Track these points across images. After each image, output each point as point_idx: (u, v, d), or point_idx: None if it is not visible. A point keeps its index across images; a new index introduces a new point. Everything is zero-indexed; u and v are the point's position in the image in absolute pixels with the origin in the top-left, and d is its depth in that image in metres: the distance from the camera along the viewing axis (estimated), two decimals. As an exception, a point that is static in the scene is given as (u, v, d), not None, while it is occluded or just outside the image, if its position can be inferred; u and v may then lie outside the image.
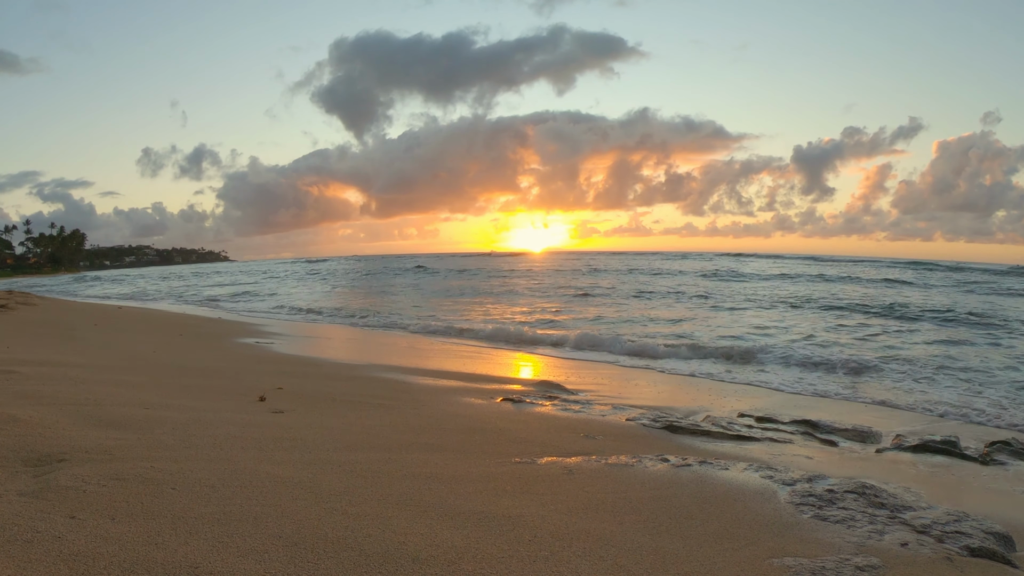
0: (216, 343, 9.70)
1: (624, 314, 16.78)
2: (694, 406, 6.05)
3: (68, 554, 1.91)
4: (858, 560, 2.36)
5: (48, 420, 3.34)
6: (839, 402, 6.87)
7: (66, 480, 2.49)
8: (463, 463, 3.35)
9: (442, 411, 4.86)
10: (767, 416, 5.45)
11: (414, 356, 9.59)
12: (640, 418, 5.06)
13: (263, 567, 1.97)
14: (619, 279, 31.45)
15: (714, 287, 26.03)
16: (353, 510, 2.50)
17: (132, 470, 2.70)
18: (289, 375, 6.32)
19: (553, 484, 3.09)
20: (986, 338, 12.08)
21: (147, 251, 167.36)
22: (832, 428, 5.09)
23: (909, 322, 14.80)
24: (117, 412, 3.74)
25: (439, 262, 64.50)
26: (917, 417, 6.15)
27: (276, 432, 3.67)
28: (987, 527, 2.72)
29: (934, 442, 4.60)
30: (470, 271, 46.90)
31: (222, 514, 2.33)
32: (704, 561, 2.32)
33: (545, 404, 5.48)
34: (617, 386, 7.29)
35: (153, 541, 2.06)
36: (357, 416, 4.36)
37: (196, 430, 3.51)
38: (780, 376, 8.31)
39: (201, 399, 4.49)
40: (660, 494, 3.03)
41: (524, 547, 2.30)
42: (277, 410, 4.32)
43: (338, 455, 3.29)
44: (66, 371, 5.09)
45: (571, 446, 3.96)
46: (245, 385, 5.29)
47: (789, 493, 3.09)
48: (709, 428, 4.82)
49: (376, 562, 2.07)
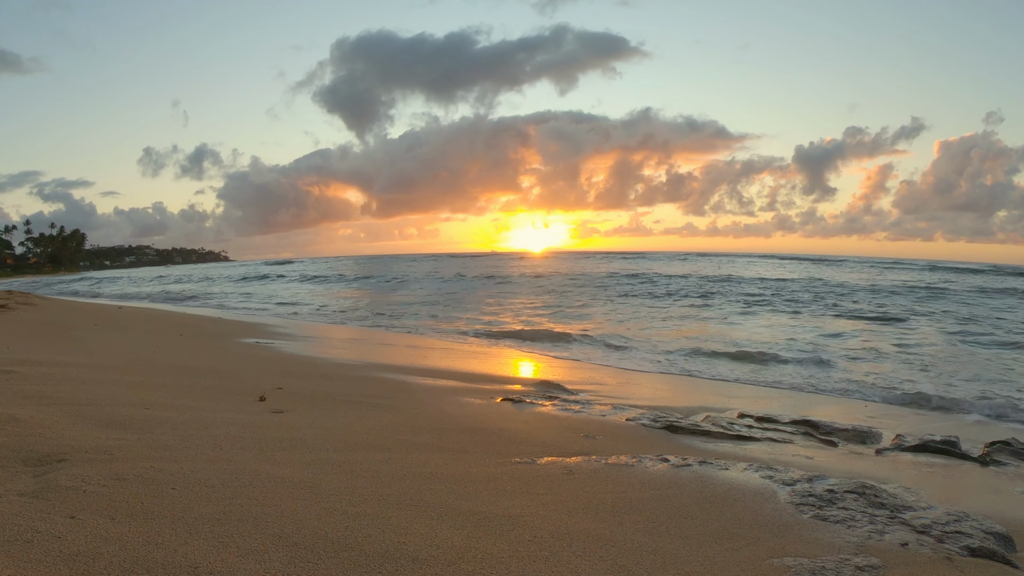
0: (217, 343, 9.70)
1: (629, 316, 16.78)
2: (694, 406, 6.05)
3: (68, 554, 1.91)
4: (858, 560, 2.36)
5: (48, 420, 3.34)
6: (839, 402, 6.87)
7: (66, 480, 2.49)
8: (463, 463, 3.35)
9: (442, 411, 4.86)
10: (767, 416, 5.44)
11: (414, 356, 9.59)
12: (640, 418, 5.06)
13: (263, 567, 1.97)
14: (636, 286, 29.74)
15: (718, 288, 26.02)
16: (353, 510, 2.50)
17: (132, 470, 2.69)
18: (289, 375, 6.32)
19: (553, 484, 3.09)
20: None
21: (147, 251, 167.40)
22: (832, 428, 5.09)
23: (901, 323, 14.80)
24: (117, 412, 3.74)
25: (451, 265, 61.04)
26: (918, 417, 6.15)
27: (276, 432, 3.67)
28: (987, 527, 2.72)
29: (934, 442, 4.60)
30: (507, 278, 36.91)
31: (222, 514, 2.33)
32: (704, 561, 2.32)
33: (545, 404, 5.48)
34: (617, 386, 7.29)
35: (153, 541, 2.06)
36: (357, 416, 4.36)
37: (196, 430, 3.51)
38: (781, 376, 8.31)
39: (201, 399, 4.49)
40: (660, 494, 3.03)
41: (524, 547, 2.30)
42: (277, 410, 4.32)
43: (338, 455, 3.29)
44: (66, 371, 5.09)
45: (571, 446, 3.96)
46: (245, 385, 5.29)
47: (789, 493, 3.09)
48: (709, 428, 4.82)
49: (376, 562, 2.07)
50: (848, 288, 25.34)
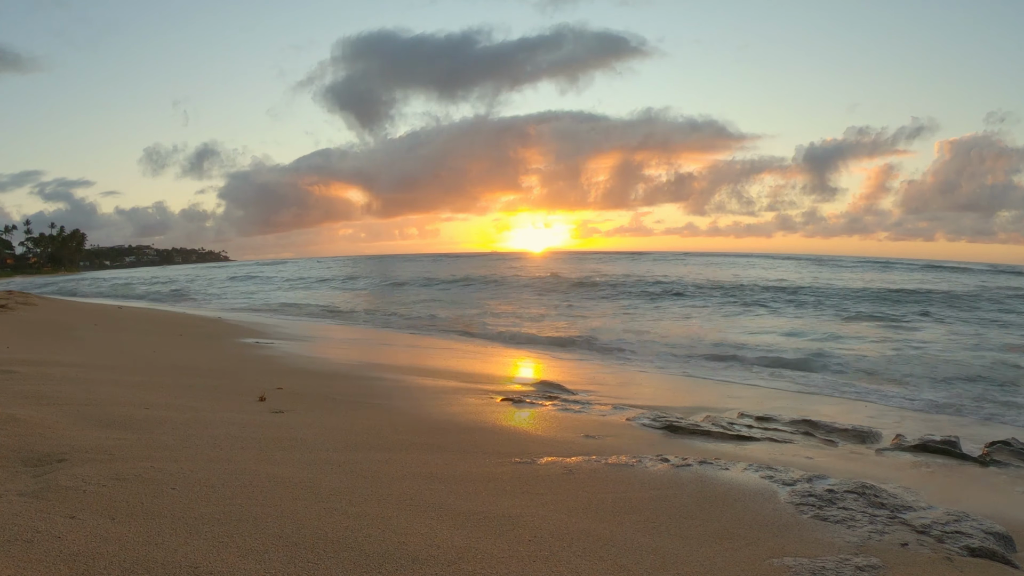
0: (217, 343, 9.70)
1: (631, 316, 16.77)
2: (694, 406, 6.04)
3: (68, 554, 1.91)
4: (858, 560, 2.36)
5: (48, 420, 3.34)
6: (839, 402, 6.87)
7: (66, 480, 2.49)
8: (463, 463, 3.35)
9: (442, 411, 4.86)
10: (767, 416, 5.44)
11: (415, 356, 9.60)
12: (640, 418, 5.06)
13: (263, 567, 1.97)
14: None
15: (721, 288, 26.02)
16: (353, 510, 2.50)
17: (132, 470, 2.69)
18: (289, 375, 6.33)
19: (553, 484, 3.09)
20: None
21: (147, 251, 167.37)
22: (832, 428, 5.08)
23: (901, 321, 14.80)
24: (117, 412, 3.74)
25: (451, 265, 58.55)
26: (918, 417, 6.15)
27: (276, 432, 3.67)
28: (987, 527, 2.72)
29: (934, 442, 4.60)
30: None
31: (222, 514, 2.33)
32: (704, 561, 2.32)
33: (545, 404, 5.48)
34: (617, 386, 7.29)
35: (153, 541, 2.06)
36: (357, 416, 4.36)
37: (196, 430, 3.51)
38: (781, 376, 8.31)
39: (201, 399, 4.49)
40: (660, 494, 3.03)
41: (524, 547, 2.30)
42: (277, 410, 4.32)
43: (338, 455, 3.29)
44: (66, 371, 5.09)
45: (571, 446, 3.96)
46: (245, 385, 5.29)
47: (789, 493, 3.09)
48: (709, 428, 4.82)
49: (376, 562, 2.07)
50: (849, 288, 25.35)
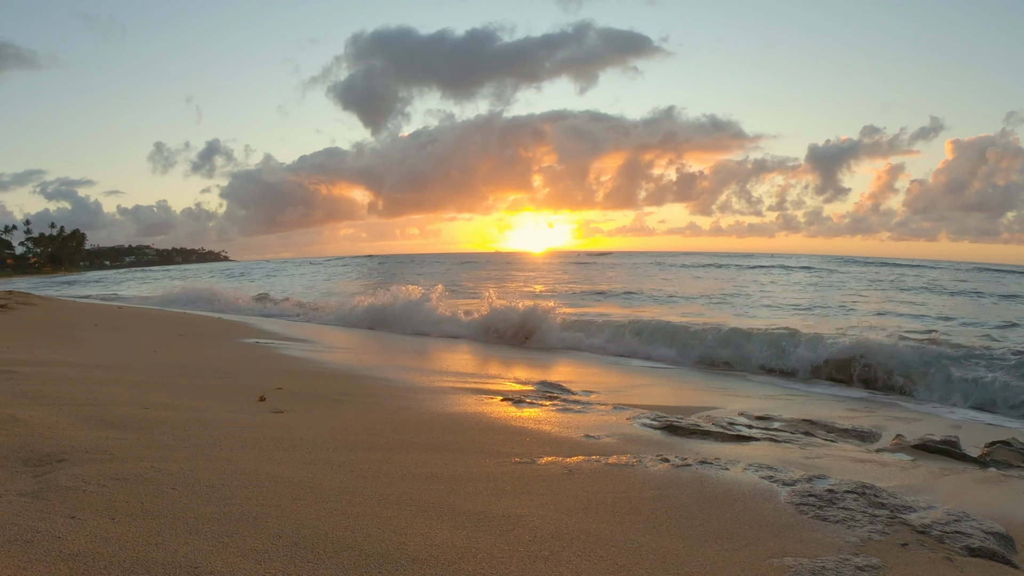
0: (217, 343, 9.70)
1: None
2: (694, 406, 6.04)
3: (68, 554, 1.91)
4: (858, 560, 2.36)
5: (48, 420, 3.34)
6: (839, 402, 6.87)
7: (66, 480, 2.49)
8: (463, 463, 3.35)
9: (442, 411, 4.86)
10: (767, 416, 5.44)
11: (415, 356, 9.60)
12: (640, 418, 5.06)
13: (263, 567, 1.97)
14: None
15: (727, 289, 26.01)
16: (353, 510, 2.50)
17: (132, 470, 2.69)
18: (289, 375, 6.33)
19: (553, 484, 3.09)
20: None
21: (147, 251, 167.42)
22: (832, 428, 5.09)
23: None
24: (117, 412, 3.74)
25: (451, 264, 58.57)
26: (918, 417, 6.14)
27: (276, 432, 3.67)
28: (987, 527, 2.72)
29: (934, 442, 4.60)
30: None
31: (222, 514, 2.33)
32: (704, 561, 2.32)
33: (545, 404, 5.48)
34: (618, 386, 7.29)
35: (153, 541, 2.06)
36: (357, 416, 4.36)
37: (196, 430, 3.51)
38: (781, 376, 8.31)
39: (201, 399, 4.49)
40: (660, 494, 3.03)
41: (524, 547, 2.30)
42: (277, 410, 4.32)
43: (338, 455, 3.29)
44: (66, 371, 5.09)
45: (571, 446, 3.96)
46: (245, 385, 5.29)
47: (789, 493, 3.09)
48: (709, 428, 4.82)
49: (376, 562, 2.07)
50: (851, 289, 25.34)
